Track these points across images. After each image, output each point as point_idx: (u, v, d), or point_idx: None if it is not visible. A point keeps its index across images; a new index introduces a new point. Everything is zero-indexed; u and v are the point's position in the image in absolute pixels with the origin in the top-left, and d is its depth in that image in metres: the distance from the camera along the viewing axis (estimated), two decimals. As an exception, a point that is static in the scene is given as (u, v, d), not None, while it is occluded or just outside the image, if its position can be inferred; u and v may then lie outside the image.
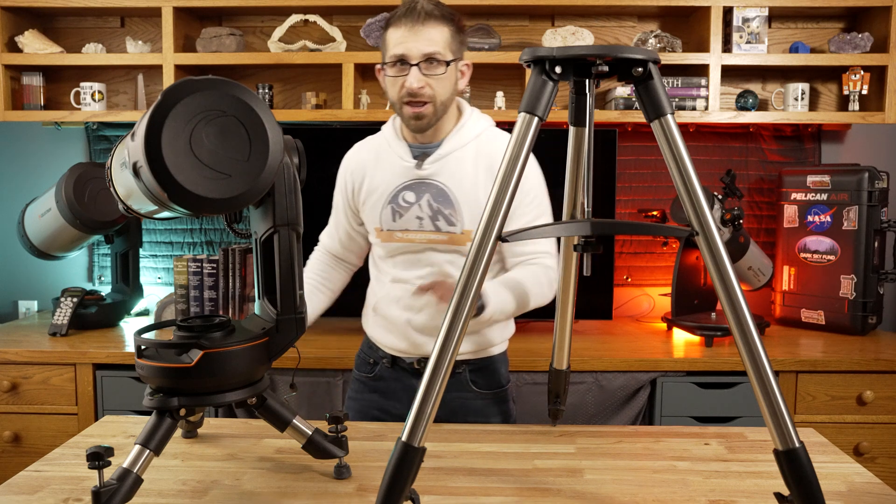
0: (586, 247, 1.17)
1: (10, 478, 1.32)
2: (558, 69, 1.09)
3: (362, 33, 2.35)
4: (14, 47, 2.69)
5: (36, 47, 2.67)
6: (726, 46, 2.61)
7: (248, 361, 1.21)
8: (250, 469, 1.37)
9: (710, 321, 2.51)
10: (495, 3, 2.57)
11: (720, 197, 2.49)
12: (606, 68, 1.07)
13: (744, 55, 2.57)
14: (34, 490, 1.27)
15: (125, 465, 1.13)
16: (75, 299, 2.53)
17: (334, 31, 2.66)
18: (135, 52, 2.71)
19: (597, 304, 2.59)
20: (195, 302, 2.63)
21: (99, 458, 1.08)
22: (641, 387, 2.26)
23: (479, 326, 1.67)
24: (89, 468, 1.08)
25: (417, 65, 1.56)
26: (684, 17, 2.78)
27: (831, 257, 2.58)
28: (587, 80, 1.15)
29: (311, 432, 1.33)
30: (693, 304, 2.62)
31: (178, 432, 1.53)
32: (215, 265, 2.61)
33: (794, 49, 2.68)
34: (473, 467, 1.38)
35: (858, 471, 1.37)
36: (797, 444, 1.04)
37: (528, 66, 1.11)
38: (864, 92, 2.59)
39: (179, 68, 2.64)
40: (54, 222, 2.46)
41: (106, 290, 2.86)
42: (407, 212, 1.66)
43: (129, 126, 2.85)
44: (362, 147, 1.79)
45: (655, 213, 2.65)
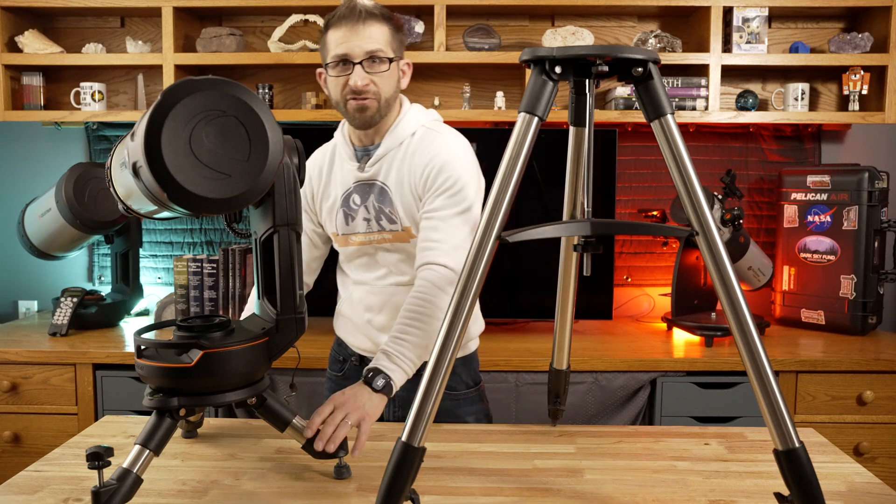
0: (586, 247, 1.17)
1: (10, 478, 1.32)
2: (558, 69, 1.09)
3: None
4: (14, 47, 2.69)
5: (36, 47, 2.66)
6: (726, 46, 2.61)
7: (247, 361, 1.21)
8: (250, 469, 1.37)
9: (710, 321, 2.51)
10: (495, 3, 2.58)
11: (720, 197, 2.49)
12: (606, 68, 1.07)
13: (744, 55, 2.57)
14: (34, 490, 1.27)
15: (125, 465, 1.13)
16: (75, 299, 2.53)
17: (334, 31, 2.65)
18: (135, 52, 2.71)
19: (597, 304, 2.59)
20: (195, 302, 2.63)
21: (99, 458, 1.08)
22: (641, 387, 2.26)
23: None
24: (89, 468, 1.08)
25: (360, 63, 1.57)
26: (684, 17, 2.78)
27: (831, 257, 2.58)
28: (587, 80, 1.15)
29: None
30: (693, 304, 2.62)
31: (178, 432, 1.53)
32: (215, 265, 2.62)
33: (794, 49, 2.68)
34: (473, 467, 1.38)
35: (858, 471, 1.37)
36: (797, 444, 1.04)
37: (528, 66, 1.11)
38: (864, 92, 2.59)
39: (179, 68, 2.64)
40: (54, 222, 2.46)
41: (106, 290, 2.86)
42: (357, 215, 1.68)
43: (129, 126, 2.85)
44: (318, 154, 1.80)
45: (655, 213, 2.66)
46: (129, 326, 2.65)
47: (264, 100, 2.53)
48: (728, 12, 2.59)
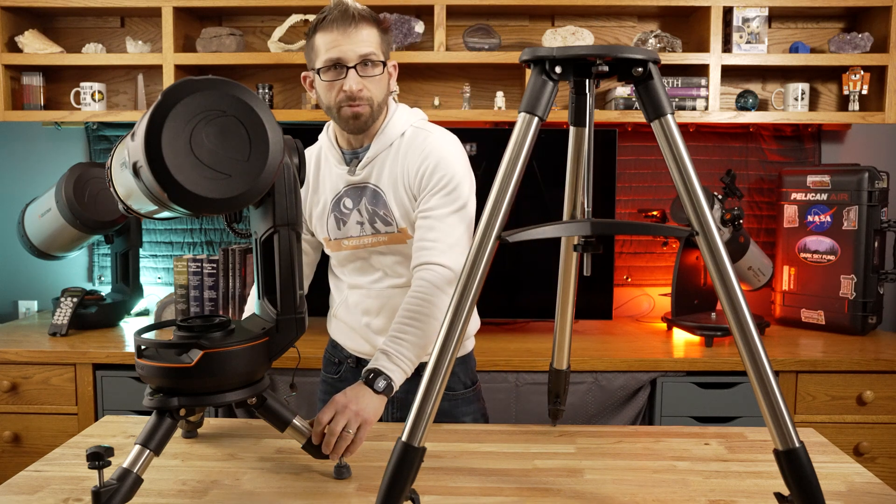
0: (586, 247, 1.17)
1: (10, 478, 1.32)
2: (558, 69, 1.09)
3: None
4: (14, 47, 2.69)
5: (36, 47, 2.67)
6: (726, 46, 2.61)
7: (248, 361, 1.21)
8: (250, 469, 1.37)
9: (710, 321, 2.51)
10: (495, 3, 2.58)
11: (720, 197, 2.49)
12: (606, 68, 1.07)
13: (744, 55, 2.57)
14: (34, 490, 1.27)
15: (125, 465, 1.13)
16: (75, 299, 2.53)
17: (334, 31, 2.66)
18: (135, 52, 2.71)
19: (597, 304, 2.59)
20: (195, 302, 2.63)
21: (99, 458, 1.08)
22: (641, 387, 2.26)
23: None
24: (89, 468, 1.08)
25: (354, 67, 1.55)
26: (684, 17, 2.78)
27: (831, 257, 2.58)
28: (587, 80, 1.15)
29: (310, 432, 1.33)
30: (693, 304, 2.62)
31: (178, 432, 1.53)
32: (215, 265, 2.62)
33: (794, 49, 2.68)
34: (473, 467, 1.38)
35: (858, 471, 1.37)
36: (797, 444, 1.04)
37: (528, 66, 1.11)
38: (864, 92, 2.59)
39: (179, 68, 2.64)
40: (54, 222, 2.46)
41: (106, 290, 2.86)
42: (349, 218, 1.66)
43: (129, 126, 2.85)
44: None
45: (655, 213, 2.66)
46: (129, 326, 2.65)
47: (264, 100, 2.53)
48: (728, 12, 2.59)
